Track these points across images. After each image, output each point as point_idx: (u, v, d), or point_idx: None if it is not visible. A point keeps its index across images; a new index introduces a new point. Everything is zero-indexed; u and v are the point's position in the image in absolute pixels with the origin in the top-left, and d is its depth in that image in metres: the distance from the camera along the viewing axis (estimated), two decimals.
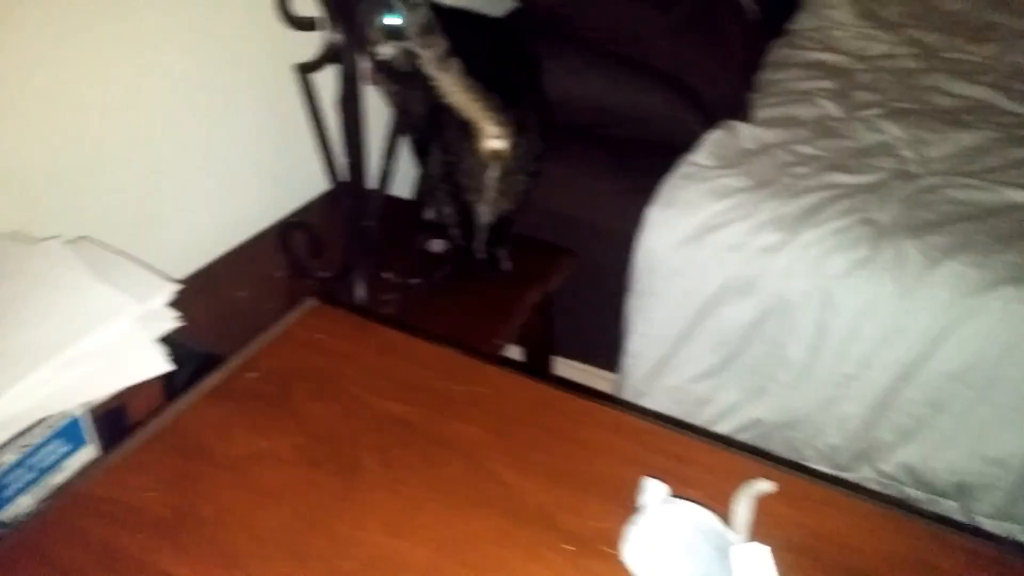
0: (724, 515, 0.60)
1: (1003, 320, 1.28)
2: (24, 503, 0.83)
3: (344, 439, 0.68)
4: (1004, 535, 1.36)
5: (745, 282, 1.44)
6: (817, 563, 0.59)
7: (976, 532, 0.65)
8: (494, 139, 1.20)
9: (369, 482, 0.64)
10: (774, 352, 1.45)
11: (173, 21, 1.15)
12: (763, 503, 0.63)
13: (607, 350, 1.64)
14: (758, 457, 0.69)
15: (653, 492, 0.60)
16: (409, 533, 0.61)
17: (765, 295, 1.43)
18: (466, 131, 1.20)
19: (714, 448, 0.69)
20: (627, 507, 0.62)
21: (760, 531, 0.61)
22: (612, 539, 0.60)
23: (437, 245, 1.39)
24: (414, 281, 1.32)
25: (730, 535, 0.58)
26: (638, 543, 0.58)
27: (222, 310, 1.25)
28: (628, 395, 1.61)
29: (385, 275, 1.31)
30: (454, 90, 1.12)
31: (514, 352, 1.53)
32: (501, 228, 1.34)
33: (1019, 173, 1.56)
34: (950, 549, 0.60)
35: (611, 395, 1.62)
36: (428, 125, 1.30)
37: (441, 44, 1.07)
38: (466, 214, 1.31)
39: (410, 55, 1.10)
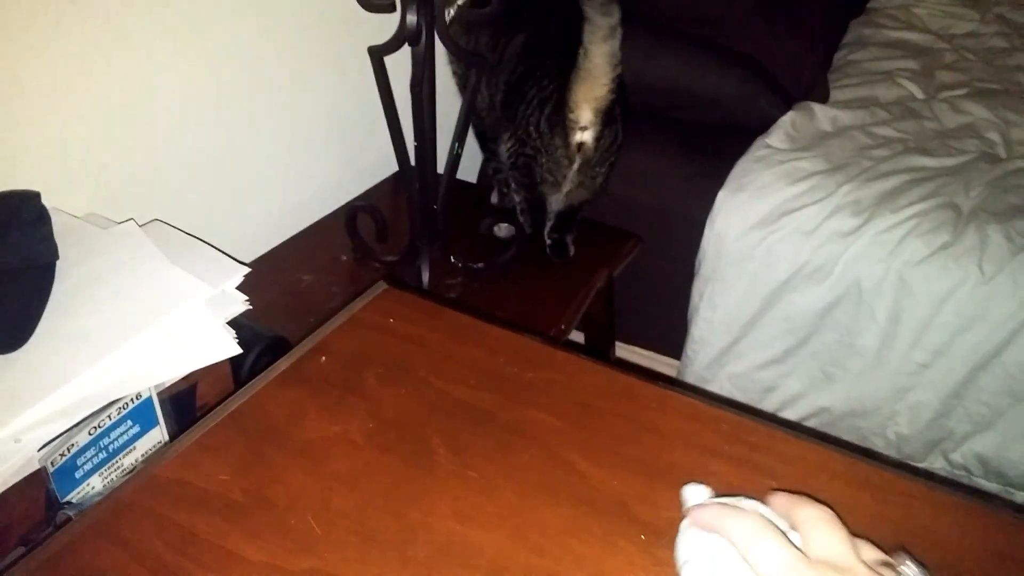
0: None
1: None
2: (95, 483, 0.85)
3: (415, 424, 0.67)
4: None
5: (817, 268, 1.40)
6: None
7: None
8: (584, 131, 1.18)
9: (440, 468, 0.64)
10: (844, 340, 1.41)
11: (247, 3, 1.15)
12: (842, 495, 0.61)
13: (669, 336, 1.62)
14: (835, 446, 0.67)
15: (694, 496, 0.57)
16: (481, 520, 0.60)
17: (838, 281, 1.39)
18: (552, 122, 1.19)
19: (791, 437, 0.67)
20: None
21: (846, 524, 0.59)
22: None
23: (502, 230, 1.38)
24: (479, 265, 1.31)
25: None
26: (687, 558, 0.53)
27: (288, 293, 1.26)
28: (691, 382, 1.59)
29: (451, 259, 1.31)
30: (598, 70, 1.10)
31: (576, 337, 1.51)
32: (571, 215, 1.32)
33: None
34: None
35: (684, 382, 1.59)
36: (502, 111, 1.28)
37: (616, 14, 1.05)
38: (538, 203, 1.30)
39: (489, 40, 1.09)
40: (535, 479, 0.63)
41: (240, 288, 0.95)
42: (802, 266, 1.41)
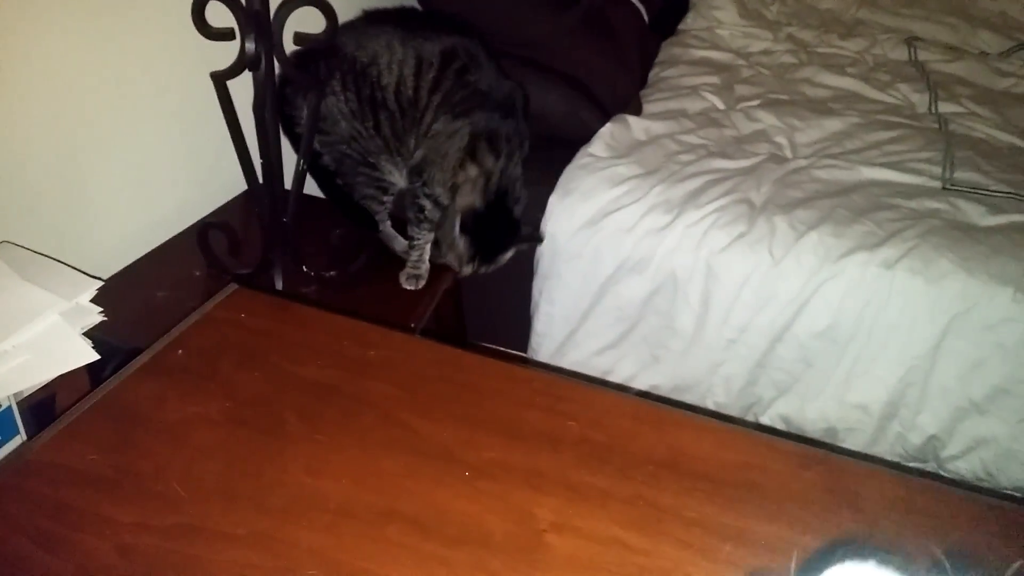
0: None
1: (859, 281, 1.44)
2: None
3: (268, 402, 0.76)
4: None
5: (638, 261, 1.57)
6: (674, 472, 0.71)
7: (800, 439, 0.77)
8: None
9: (291, 435, 0.73)
10: (666, 323, 1.59)
11: (92, 27, 1.19)
12: (628, 429, 0.75)
13: (516, 332, 1.75)
14: (624, 393, 0.81)
15: None
16: (328, 473, 0.70)
17: (656, 272, 1.57)
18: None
19: (589, 387, 0.81)
20: (515, 438, 0.73)
21: (627, 449, 0.73)
22: (505, 467, 0.71)
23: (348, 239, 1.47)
24: (331, 273, 1.40)
25: None
26: None
27: (144, 308, 1.30)
28: None
29: (303, 269, 1.39)
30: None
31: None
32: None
33: (877, 153, 1.75)
34: (780, 454, 0.73)
35: (506, 351, 1.75)
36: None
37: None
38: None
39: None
40: (375, 437, 0.74)
41: (95, 303, 1.00)
42: (625, 260, 1.58)
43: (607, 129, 1.75)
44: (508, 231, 1.41)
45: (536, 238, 1.58)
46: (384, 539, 0.64)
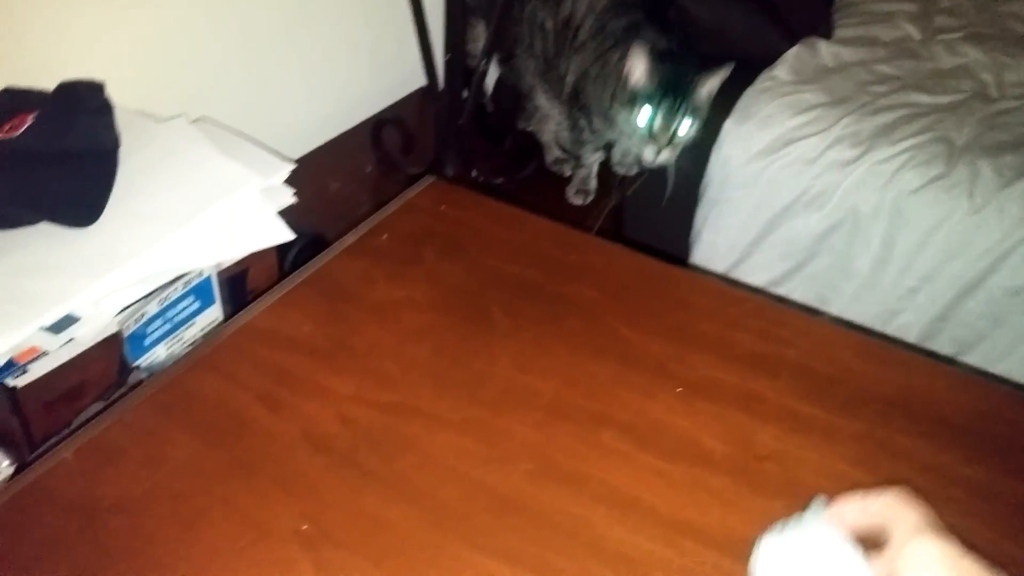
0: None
1: None
2: (160, 352, 0.92)
3: (472, 293, 0.75)
4: None
5: (817, 195, 1.48)
6: (906, 414, 0.66)
7: None
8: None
9: (497, 328, 0.72)
10: (840, 264, 1.50)
11: None
12: (851, 363, 0.70)
13: (673, 260, 1.69)
14: (843, 326, 0.76)
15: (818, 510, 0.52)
16: (536, 370, 0.68)
17: (836, 208, 1.47)
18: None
19: (807, 316, 0.76)
20: (728, 359, 0.69)
21: (853, 384, 0.68)
22: (719, 386, 0.67)
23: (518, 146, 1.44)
24: (499, 180, 1.38)
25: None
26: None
27: (318, 198, 1.31)
28: None
29: (472, 174, 1.37)
30: None
31: None
32: None
33: None
34: (1019, 405, 0.67)
35: (710, 271, 1.66)
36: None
37: None
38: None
39: None
40: (582, 340, 0.71)
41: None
42: (802, 193, 1.48)
43: (793, 52, 1.63)
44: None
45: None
46: (598, 443, 0.62)
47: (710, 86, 1.17)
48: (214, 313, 0.97)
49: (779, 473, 0.61)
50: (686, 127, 1.18)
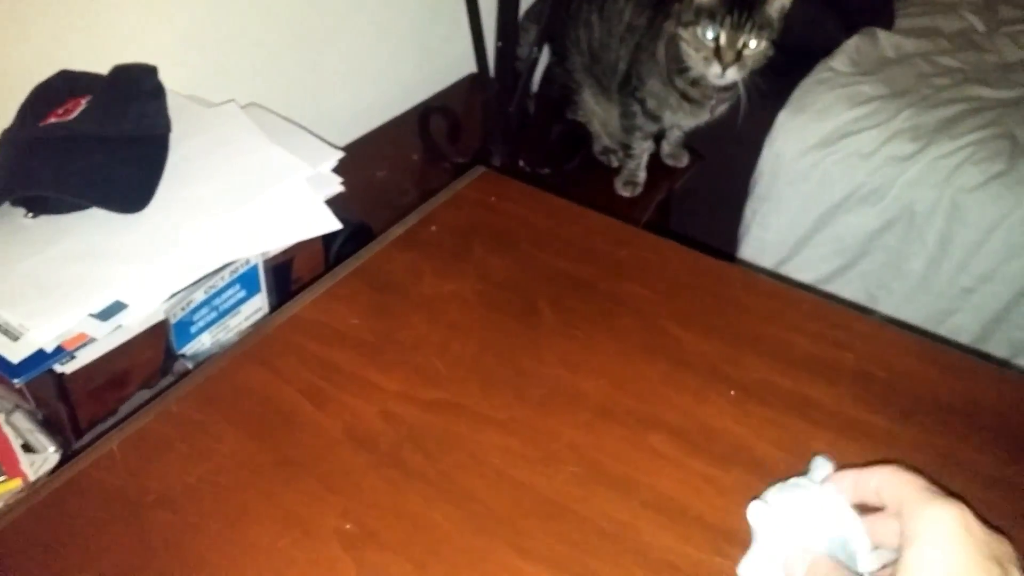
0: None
1: None
2: (205, 340, 0.92)
3: (522, 288, 0.73)
4: None
5: (872, 191, 1.44)
6: (970, 424, 0.63)
7: None
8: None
9: (546, 326, 0.70)
10: (893, 262, 1.46)
11: None
12: (913, 368, 0.67)
13: (721, 254, 1.66)
14: (906, 330, 0.73)
15: (819, 470, 0.51)
16: (585, 370, 0.66)
17: (891, 204, 1.43)
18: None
19: (866, 318, 0.73)
20: (784, 362, 0.67)
21: (914, 391, 0.65)
22: (774, 391, 0.65)
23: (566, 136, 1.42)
24: (545, 171, 1.36)
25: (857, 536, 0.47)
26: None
27: (364, 187, 1.31)
28: None
29: (519, 164, 1.35)
30: None
31: None
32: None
33: None
34: None
35: (768, 270, 1.63)
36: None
37: None
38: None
39: None
40: (633, 339, 0.69)
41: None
42: (857, 188, 1.44)
43: (852, 42, 1.59)
44: None
45: None
46: (647, 447, 0.61)
47: (781, 1, 1.15)
48: (259, 302, 0.97)
49: None
50: (754, 43, 1.14)
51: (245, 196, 0.92)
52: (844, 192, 1.46)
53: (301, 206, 0.96)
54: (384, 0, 1.33)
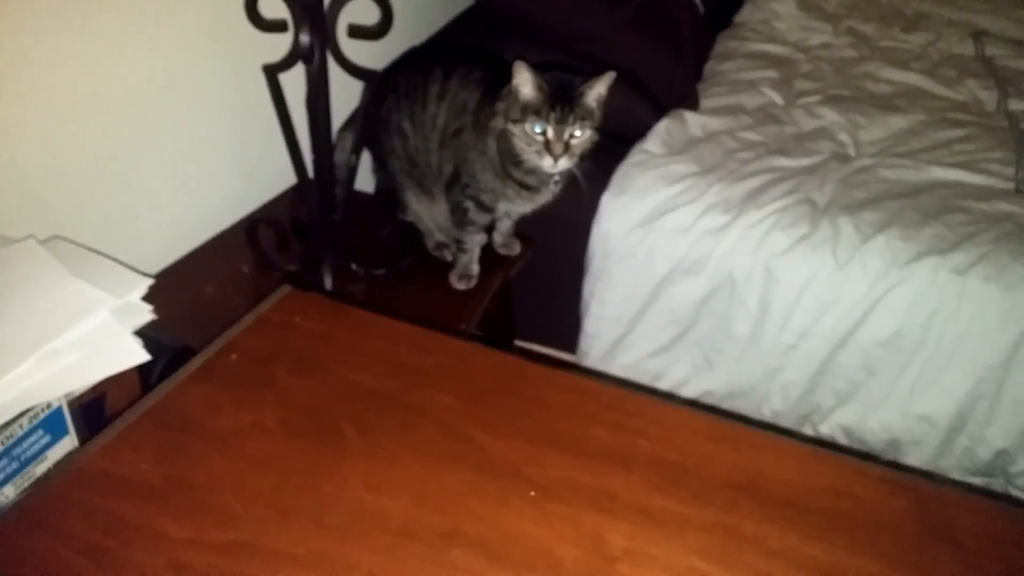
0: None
1: (929, 288, 1.38)
2: (8, 492, 0.86)
3: (324, 410, 0.73)
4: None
5: (693, 262, 1.52)
6: (755, 497, 0.67)
7: (893, 465, 0.72)
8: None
9: (349, 447, 0.70)
10: (721, 327, 1.54)
11: (140, 22, 1.17)
12: (703, 448, 0.71)
13: (565, 333, 1.71)
14: (699, 410, 0.77)
15: None
16: (388, 489, 0.66)
17: (712, 274, 1.51)
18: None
19: (659, 402, 0.76)
20: (583, 456, 0.69)
21: (703, 472, 0.68)
22: (574, 487, 0.67)
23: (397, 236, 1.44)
24: (379, 271, 1.37)
25: None
26: None
27: (192, 305, 1.28)
28: None
29: (352, 267, 1.36)
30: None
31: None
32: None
33: (945, 153, 1.67)
34: (868, 479, 0.68)
35: (570, 363, 1.69)
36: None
37: None
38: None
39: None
40: (436, 451, 0.70)
41: (145, 300, 0.98)
42: (680, 261, 1.52)
43: (663, 125, 1.70)
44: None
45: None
46: (448, 563, 0.61)
47: (596, 92, 1.23)
48: (68, 445, 0.92)
49: (631, 575, 0.60)
50: (579, 133, 1.21)
51: (43, 336, 0.88)
52: (669, 265, 1.54)
53: (106, 340, 0.92)
54: (197, 118, 1.32)
